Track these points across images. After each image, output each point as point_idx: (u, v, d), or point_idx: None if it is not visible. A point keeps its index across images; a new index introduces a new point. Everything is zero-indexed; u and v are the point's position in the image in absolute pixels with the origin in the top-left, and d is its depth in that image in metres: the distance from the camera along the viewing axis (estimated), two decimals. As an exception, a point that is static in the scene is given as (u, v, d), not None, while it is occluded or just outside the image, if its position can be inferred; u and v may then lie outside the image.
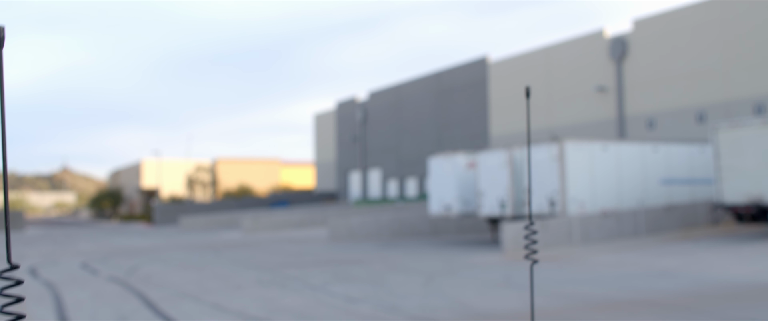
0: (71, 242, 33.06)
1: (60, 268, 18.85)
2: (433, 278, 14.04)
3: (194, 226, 47.43)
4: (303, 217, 39.97)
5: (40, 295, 13.40)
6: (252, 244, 26.90)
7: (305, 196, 61.67)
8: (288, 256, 20.58)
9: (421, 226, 27.98)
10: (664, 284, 12.00)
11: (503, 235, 19.16)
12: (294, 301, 11.51)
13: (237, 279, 15.01)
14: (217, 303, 11.59)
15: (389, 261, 17.99)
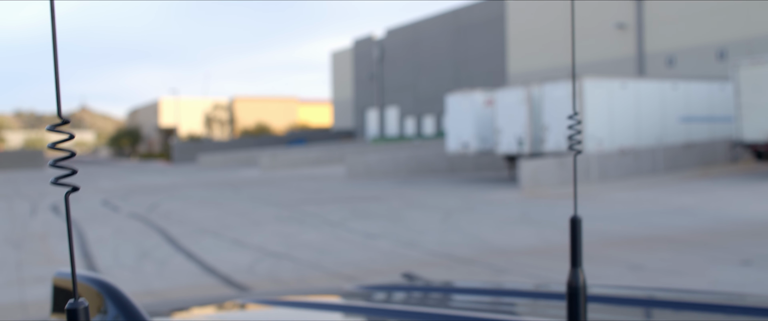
0: (91, 180, 33.38)
1: (81, 206, 19.08)
2: (450, 214, 14.12)
3: (212, 164, 47.72)
4: (320, 154, 40.09)
5: (63, 231, 13.60)
6: (270, 182, 27.08)
7: (322, 134, 61.78)
8: (306, 193, 20.72)
9: (438, 163, 28.03)
10: (681, 221, 12.03)
11: (521, 172, 19.18)
12: (313, 237, 11.63)
13: (256, 215, 15.16)
14: (236, 239, 11.73)
15: (407, 198, 18.08)
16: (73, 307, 0.69)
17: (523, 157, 22.14)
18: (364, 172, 27.76)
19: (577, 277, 1.20)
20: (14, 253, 11.23)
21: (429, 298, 2.03)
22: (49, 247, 11.80)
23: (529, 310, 1.84)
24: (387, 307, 1.87)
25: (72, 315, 0.69)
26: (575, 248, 1.20)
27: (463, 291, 2.19)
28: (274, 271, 8.82)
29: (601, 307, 1.66)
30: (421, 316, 1.72)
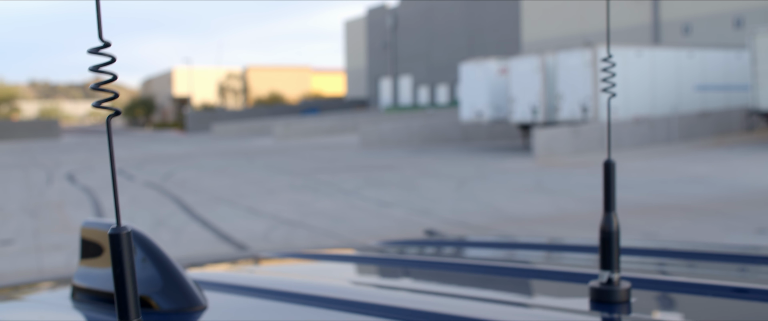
0: (106, 149, 33.53)
1: (96, 174, 19.19)
2: (464, 183, 14.13)
3: (226, 133, 47.83)
4: (334, 123, 40.10)
5: (79, 200, 13.70)
6: (284, 151, 27.14)
7: (336, 103, 61.75)
8: (320, 162, 20.76)
9: (452, 132, 28.00)
10: (696, 190, 11.99)
11: (535, 141, 19.15)
12: (327, 205, 11.67)
13: (270, 184, 15.21)
14: (251, 207, 11.78)
15: (420, 166, 18.09)
16: (116, 231, 0.69)
17: (537, 125, 22.08)
18: (377, 141, 27.77)
19: (611, 221, 1.21)
20: (31, 221, 11.32)
21: (452, 251, 2.04)
22: (65, 215, 11.89)
23: (550, 260, 1.86)
24: (411, 257, 1.89)
25: (115, 240, 0.69)
26: (608, 193, 1.20)
27: (485, 245, 2.20)
28: (288, 238, 8.87)
29: (628, 258, 1.68)
30: (446, 266, 1.74)
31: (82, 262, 1.49)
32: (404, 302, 1.34)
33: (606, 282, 1.22)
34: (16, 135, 54.20)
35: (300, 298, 1.43)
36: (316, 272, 1.87)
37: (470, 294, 1.50)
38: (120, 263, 0.69)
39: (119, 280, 0.69)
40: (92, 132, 74.02)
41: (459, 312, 1.22)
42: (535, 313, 1.18)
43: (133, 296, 0.69)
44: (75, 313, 1.42)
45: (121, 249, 0.69)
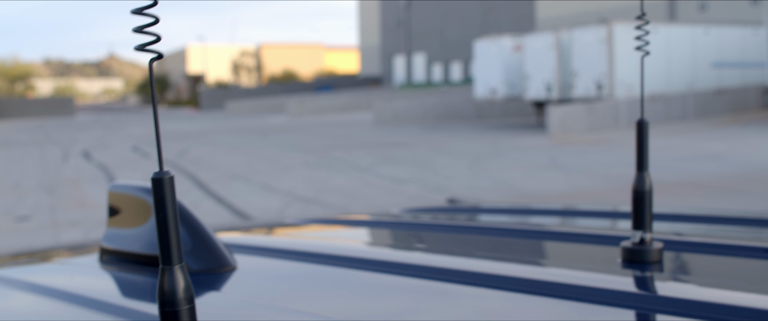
0: (121, 127, 33.68)
1: (112, 152, 19.28)
2: (478, 160, 14.13)
3: (240, 110, 47.91)
4: (347, 101, 40.09)
5: (95, 177, 13.78)
6: (298, 128, 27.17)
7: (349, 80, 61.69)
8: (334, 139, 20.78)
9: (465, 109, 27.95)
10: (711, 167, 11.95)
11: (549, 118, 19.10)
12: (341, 182, 11.70)
13: (285, 161, 15.25)
14: (266, 184, 11.83)
15: (434, 144, 18.09)
16: (158, 176, 0.70)
17: (552, 103, 22.01)
18: (391, 118, 27.76)
19: (643, 180, 1.21)
20: (48, 198, 11.41)
21: (476, 217, 2.06)
22: (81, 192, 11.97)
23: (576, 225, 1.87)
24: (435, 221, 1.91)
25: (157, 184, 0.70)
26: (641, 152, 1.20)
27: (510, 211, 2.22)
28: (303, 214, 8.90)
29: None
30: (472, 230, 1.75)
31: (110, 224, 1.52)
32: (430, 261, 1.36)
33: (638, 242, 1.22)
34: (32, 113, 54.46)
35: (326, 258, 1.46)
36: (340, 235, 1.90)
37: (499, 255, 1.52)
38: (163, 208, 0.69)
39: (162, 225, 0.69)
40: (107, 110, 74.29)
41: (492, 271, 1.24)
42: (567, 273, 1.18)
43: (175, 241, 0.69)
44: (104, 274, 1.44)
45: (164, 193, 0.69)
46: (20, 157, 18.78)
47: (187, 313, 0.71)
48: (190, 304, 0.71)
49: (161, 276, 0.70)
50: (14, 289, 1.33)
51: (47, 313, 1.19)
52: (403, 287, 1.24)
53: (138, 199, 1.45)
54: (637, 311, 1.01)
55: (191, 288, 0.71)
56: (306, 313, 1.06)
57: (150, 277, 1.33)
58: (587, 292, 1.08)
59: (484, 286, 1.17)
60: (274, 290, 1.27)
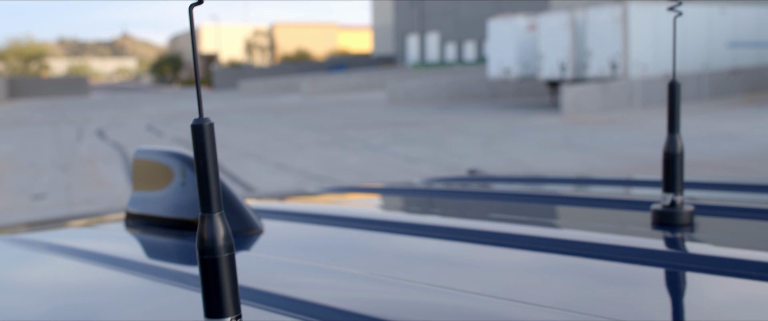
0: (135, 106, 33.78)
1: (126, 130, 19.36)
2: (492, 140, 14.11)
3: (254, 90, 47.93)
4: (361, 80, 40.03)
5: (109, 155, 13.84)
6: (311, 107, 27.18)
7: (362, 60, 61.59)
8: (347, 119, 20.78)
9: (479, 89, 27.88)
10: (726, 147, 11.90)
11: (563, 97, 19.03)
12: (355, 161, 11.71)
13: (298, 140, 15.27)
14: (280, 162, 11.85)
15: (448, 123, 18.07)
16: (198, 122, 0.69)
17: (566, 82, 21.93)
18: (404, 97, 27.72)
19: (675, 142, 1.21)
20: (63, 176, 11.48)
21: (499, 185, 2.07)
22: (96, 170, 12.03)
23: (595, 191, 1.87)
24: (458, 188, 1.92)
25: (198, 131, 0.69)
26: (673, 114, 1.20)
27: (530, 180, 2.23)
28: (317, 193, 8.92)
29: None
30: (497, 196, 1.76)
31: (135, 189, 1.54)
32: (458, 224, 1.37)
33: (669, 204, 1.22)
34: (46, 92, 54.67)
35: (349, 221, 1.48)
36: (363, 202, 1.92)
37: (528, 219, 1.52)
38: (203, 155, 0.69)
39: (202, 172, 0.69)
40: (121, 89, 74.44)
41: (522, 232, 1.24)
42: (596, 235, 1.19)
43: (215, 188, 0.69)
44: (130, 237, 1.46)
45: (204, 140, 0.69)
46: (35, 136, 18.88)
47: (226, 262, 0.70)
48: (229, 252, 0.70)
49: (201, 223, 0.70)
50: (43, 252, 1.36)
51: (76, 274, 1.21)
52: (429, 248, 1.25)
53: (161, 165, 1.47)
54: (668, 269, 1.02)
55: (231, 236, 0.70)
56: (331, 270, 1.08)
57: (175, 239, 1.36)
58: (618, 251, 1.08)
59: (515, 247, 1.18)
60: (300, 250, 1.30)
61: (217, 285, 0.70)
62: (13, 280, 1.24)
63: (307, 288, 0.97)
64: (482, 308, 0.85)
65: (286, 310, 0.91)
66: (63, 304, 1.06)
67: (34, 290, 1.16)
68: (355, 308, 0.87)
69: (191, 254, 1.23)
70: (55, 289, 1.16)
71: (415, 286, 0.96)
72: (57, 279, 1.21)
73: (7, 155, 14.56)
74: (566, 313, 0.81)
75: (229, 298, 0.71)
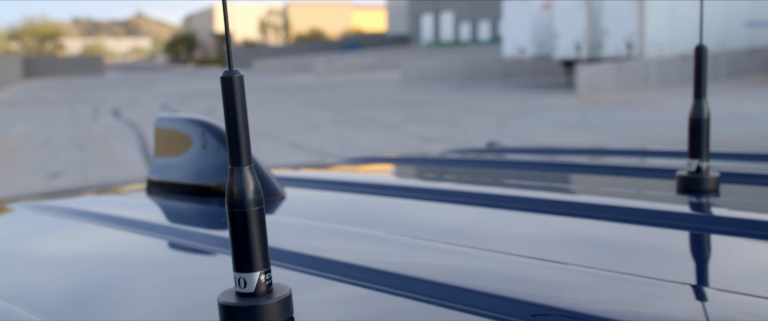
0: (149, 85, 33.86)
1: (141, 110, 19.42)
2: (506, 119, 14.08)
3: (267, 69, 47.94)
4: (375, 60, 39.96)
5: (125, 134, 13.90)
6: (325, 87, 27.17)
7: (377, 39, 61.46)
8: (361, 98, 20.77)
9: (493, 69, 27.78)
10: (742, 127, 11.83)
11: (578, 77, 18.94)
12: (369, 140, 11.72)
13: (312, 119, 15.28)
14: (294, 141, 11.87)
15: (462, 103, 18.03)
16: (228, 74, 0.69)
17: (581, 62, 21.82)
18: (418, 77, 27.66)
19: (701, 108, 1.21)
20: (79, 155, 11.54)
21: (520, 156, 2.08)
22: (111, 149, 12.09)
23: (606, 161, 1.88)
24: (480, 158, 1.93)
25: (227, 83, 0.69)
26: (699, 79, 1.19)
27: (546, 151, 2.23)
28: (331, 172, 8.93)
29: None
30: (518, 165, 1.77)
31: (156, 156, 1.56)
32: (478, 189, 1.37)
33: (694, 170, 1.21)
34: (61, 71, 54.88)
35: (368, 187, 1.49)
36: (382, 170, 1.93)
37: (550, 186, 1.53)
38: (232, 107, 0.69)
39: (231, 125, 0.69)
40: (135, 68, 74.60)
41: (545, 197, 1.25)
42: (621, 201, 1.19)
43: (244, 141, 0.69)
44: (151, 204, 1.48)
45: (234, 92, 0.69)
46: (51, 114, 18.97)
47: (256, 215, 0.70)
48: (259, 206, 0.70)
49: (230, 177, 0.69)
50: (67, 218, 1.37)
51: (101, 238, 1.22)
52: (451, 213, 1.26)
53: (182, 132, 1.49)
54: (694, 232, 1.02)
55: (260, 190, 0.70)
56: (353, 231, 1.09)
57: (196, 205, 1.38)
58: (643, 214, 1.09)
59: (538, 212, 1.19)
60: (322, 214, 1.31)
61: (246, 239, 0.70)
62: (39, 245, 1.26)
63: (330, 248, 0.98)
64: (506, 268, 0.85)
65: (312, 268, 0.92)
66: (90, 267, 1.08)
67: (61, 255, 1.17)
68: (377, 266, 0.88)
69: (215, 218, 1.25)
70: (81, 253, 1.18)
71: (437, 247, 0.97)
72: (82, 244, 1.23)
73: (24, 134, 14.64)
74: (592, 271, 0.82)
75: (258, 252, 0.71)
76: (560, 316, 0.70)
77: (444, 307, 0.76)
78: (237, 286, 0.72)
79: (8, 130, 15.52)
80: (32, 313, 0.81)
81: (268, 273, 0.72)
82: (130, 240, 1.17)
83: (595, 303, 0.72)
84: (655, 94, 18.40)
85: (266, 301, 0.71)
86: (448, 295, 0.78)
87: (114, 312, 0.85)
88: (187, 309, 0.85)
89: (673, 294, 0.75)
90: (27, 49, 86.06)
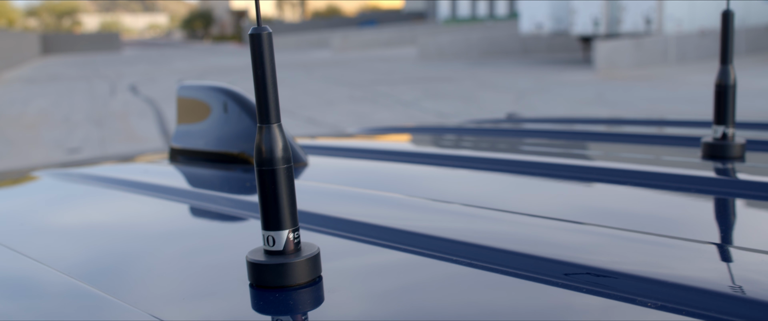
0: (166, 62, 33.91)
1: (158, 86, 19.47)
2: (523, 95, 14.02)
3: (284, 45, 47.88)
4: (391, 36, 39.82)
5: (142, 110, 13.95)
6: (342, 63, 27.12)
7: (393, 15, 61.21)
8: (378, 74, 20.72)
9: (510, 45, 27.64)
10: (761, 104, 11.74)
11: (596, 53, 18.82)
12: (386, 116, 11.71)
13: (329, 95, 15.28)
14: (311, 117, 11.88)
15: (479, 79, 17.96)
16: (257, 31, 0.69)
17: (599, 38, 21.67)
18: (435, 53, 27.56)
19: (727, 74, 1.20)
20: (97, 130, 11.60)
21: (541, 125, 2.09)
22: (129, 125, 12.14)
23: (629, 130, 1.88)
24: (498, 127, 1.94)
25: (256, 40, 0.69)
26: (726, 44, 1.19)
27: (568, 121, 2.24)
28: (348, 148, 8.94)
29: None
30: (540, 134, 1.78)
31: (179, 123, 1.57)
32: (502, 156, 1.38)
33: (720, 137, 1.21)
34: (79, 48, 55.03)
35: (389, 153, 1.51)
36: (402, 139, 1.95)
37: (574, 153, 1.53)
38: (261, 64, 0.69)
39: (260, 82, 0.69)
40: (152, 45, 74.66)
41: (572, 163, 1.25)
42: (646, 167, 1.19)
43: (273, 99, 0.69)
44: (174, 170, 1.50)
45: (263, 49, 0.69)
46: (69, 91, 19.06)
47: (284, 173, 0.70)
48: (287, 164, 0.70)
49: (259, 135, 0.69)
50: (93, 185, 1.39)
51: (127, 203, 1.24)
52: (473, 178, 1.27)
53: (203, 100, 1.50)
54: (719, 197, 1.02)
55: (289, 148, 0.70)
56: (375, 195, 1.10)
57: (217, 171, 1.39)
58: (669, 179, 1.09)
59: (562, 178, 1.19)
60: (344, 179, 1.33)
61: (275, 197, 0.70)
62: (69, 210, 1.28)
63: (356, 211, 0.99)
64: (538, 230, 0.86)
65: (338, 230, 0.92)
66: (118, 231, 1.09)
67: (91, 219, 1.19)
68: (400, 226, 0.89)
69: (238, 183, 1.26)
70: (110, 217, 1.19)
71: (462, 210, 0.97)
72: (110, 209, 1.25)
73: (42, 110, 14.73)
74: (620, 232, 0.83)
75: (286, 210, 0.71)
76: (587, 273, 0.71)
77: (474, 267, 0.77)
78: (265, 244, 0.72)
79: (27, 106, 15.61)
80: (69, 276, 0.82)
81: (296, 231, 0.72)
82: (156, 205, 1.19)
83: (625, 263, 0.73)
84: (673, 70, 18.26)
85: (295, 258, 0.71)
86: (479, 254, 0.79)
87: (144, 271, 0.87)
88: (215, 268, 0.86)
89: (701, 254, 0.76)
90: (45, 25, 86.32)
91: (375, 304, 0.71)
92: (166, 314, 0.69)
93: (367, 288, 0.76)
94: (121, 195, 1.28)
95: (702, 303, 0.64)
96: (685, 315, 0.63)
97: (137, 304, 0.72)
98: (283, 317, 0.68)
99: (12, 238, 1.05)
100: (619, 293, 0.67)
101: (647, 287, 0.67)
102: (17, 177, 1.64)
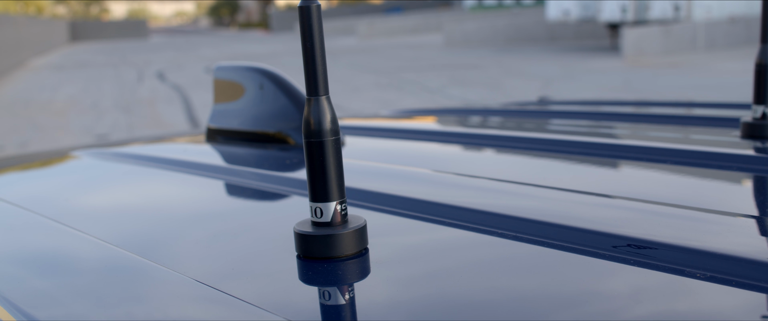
0: (193, 49, 34.05)
1: (185, 73, 19.57)
2: (550, 82, 13.95)
3: (310, 33, 47.85)
4: (417, 23, 39.72)
5: (170, 97, 14.04)
6: (368, 50, 27.10)
7: (419, 2, 60.97)
8: (404, 61, 20.69)
9: (537, 32, 27.48)
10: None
11: (624, 40, 18.67)
12: (411, 103, 11.70)
13: (355, 82, 15.29)
14: (337, 104, 11.89)
15: (505, 66, 17.89)
16: (306, 3, 0.70)
17: (627, 24, 21.49)
18: (461, 40, 27.46)
19: (767, 53, 1.20)
20: (125, 117, 11.69)
21: (576, 108, 2.10)
22: (157, 111, 12.23)
23: (667, 111, 1.89)
24: (531, 108, 1.95)
25: (305, 12, 0.70)
26: (766, 22, 1.19)
27: (601, 103, 2.24)
28: (374, 135, 8.94)
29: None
30: (578, 115, 1.79)
31: (216, 104, 1.59)
32: (537, 135, 1.39)
33: (760, 117, 1.20)
34: (106, 35, 55.40)
35: (422, 133, 1.52)
36: (435, 119, 1.96)
37: (609, 132, 1.54)
38: (310, 37, 0.69)
39: (309, 54, 0.69)
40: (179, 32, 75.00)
41: (612, 142, 1.26)
42: (685, 146, 1.19)
43: (322, 71, 0.69)
44: (212, 149, 1.52)
45: (312, 22, 0.69)
46: (97, 78, 19.20)
47: (332, 145, 0.71)
48: (335, 136, 0.71)
49: (307, 107, 0.70)
50: (133, 164, 1.41)
51: (167, 179, 1.27)
52: (511, 157, 1.28)
53: (239, 80, 1.52)
54: (759, 174, 1.02)
55: (337, 120, 0.71)
56: (410, 171, 1.11)
57: (254, 149, 1.41)
58: (708, 157, 1.10)
59: (599, 156, 1.20)
60: (380, 156, 1.36)
61: (323, 169, 0.71)
62: (114, 188, 1.29)
63: (397, 187, 1.00)
64: (568, 208, 0.87)
65: (381, 204, 0.94)
66: (164, 207, 1.12)
67: (137, 196, 1.21)
68: (446, 201, 0.90)
69: (277, 161, 1.28)
70: (153, 194, 1.21)
71: (502, 185, 0.98)
72: (153, 186, 1.27)
73: (71, 97, 14.86)
74: (661, 207, 0.84)
75: (334, 182, 0.71)
76: (628, 245, 0.72)
77: (518, 240, 0.78)
78: (313, 215, 0.73)
79: (56, 93, 15.76)
80: (122, 249, 0.84)
81: (343, 203, 0.73)
82: (199, 182, 1.21)
83: (674, 237, 0.74)
84: (702, 57, 18.08)
85: (342, 230, 0.72)
86: (527, 228, 0.80)
87: (192, 244, 0.89)
88: (262, 241, 0.87)
89: (748, 228, 0.76)
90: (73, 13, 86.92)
91: (421, 276, 0.71)
92: (214, 284, 0.70)
93: (413, 260, 0.76)
94: (162, 173, 1.30)
95: (750, 273, 0.65)
96: (734, 287, 0.64)
97: (186, 273, 0.73)
98: (330, 288, 0.68)
99: (59, 213, 1.07)
100: (670, 265, 0.68)
101: (697, 259, 0.68)
102: (57, 157, 1.67)
